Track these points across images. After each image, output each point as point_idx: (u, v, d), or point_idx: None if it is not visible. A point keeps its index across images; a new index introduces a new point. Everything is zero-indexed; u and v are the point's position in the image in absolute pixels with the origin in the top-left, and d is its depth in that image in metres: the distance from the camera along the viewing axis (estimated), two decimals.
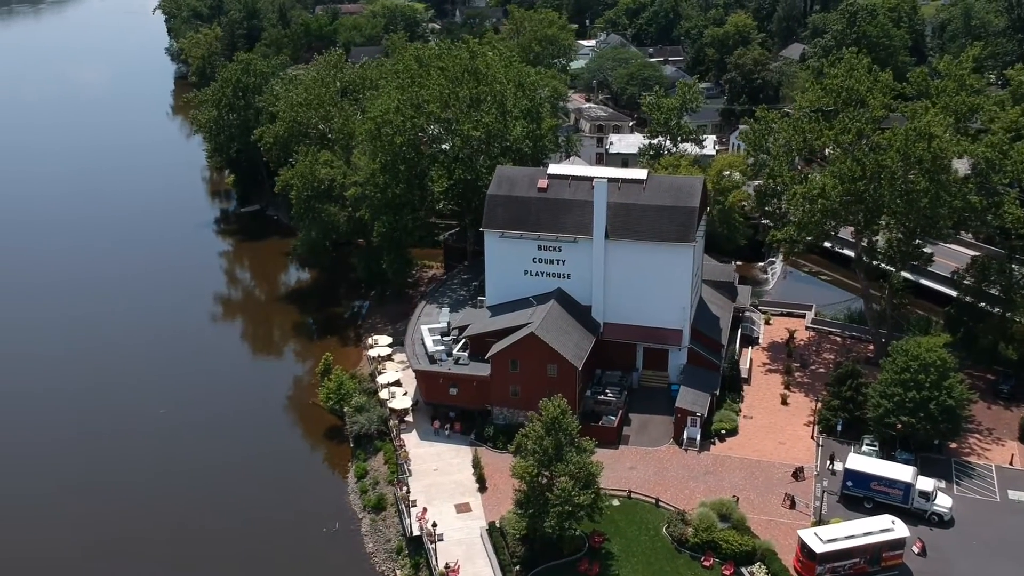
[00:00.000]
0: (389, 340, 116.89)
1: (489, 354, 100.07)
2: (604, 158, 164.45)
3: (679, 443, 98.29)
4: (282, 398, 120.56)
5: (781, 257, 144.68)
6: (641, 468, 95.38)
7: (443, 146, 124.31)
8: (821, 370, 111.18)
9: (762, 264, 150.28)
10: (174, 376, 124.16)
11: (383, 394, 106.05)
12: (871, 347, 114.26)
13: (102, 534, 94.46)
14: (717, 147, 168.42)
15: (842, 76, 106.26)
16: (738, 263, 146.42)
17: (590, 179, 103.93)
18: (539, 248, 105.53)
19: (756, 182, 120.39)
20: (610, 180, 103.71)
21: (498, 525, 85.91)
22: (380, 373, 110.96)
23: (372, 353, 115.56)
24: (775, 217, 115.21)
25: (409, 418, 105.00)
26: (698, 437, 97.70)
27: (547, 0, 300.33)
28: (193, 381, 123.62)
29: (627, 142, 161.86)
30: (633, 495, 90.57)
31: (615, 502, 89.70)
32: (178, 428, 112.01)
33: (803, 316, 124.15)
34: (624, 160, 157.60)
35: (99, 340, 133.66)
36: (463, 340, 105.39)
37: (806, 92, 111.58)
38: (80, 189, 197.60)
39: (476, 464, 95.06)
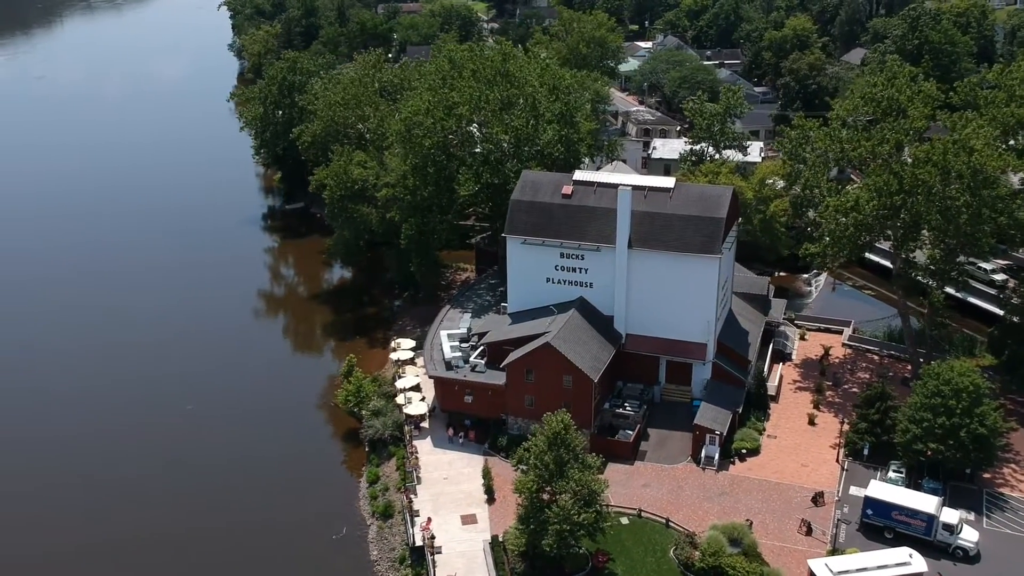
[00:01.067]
0: (412, 343, 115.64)
1: (504, 363, 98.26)
2: (647, 163, 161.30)
3: (697, 461, 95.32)
4: (309, 398, 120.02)
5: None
6: (655, 486, 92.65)
7: (475, 149, 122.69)
8: (854, 390, 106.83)
9: (806, 276, 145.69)
10: (206, 371, 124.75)
11: (400, 399, 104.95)
12: (909, 367, 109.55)
13: (110, 529, 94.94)
14: (766, 154, 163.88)
15: (882, 84, 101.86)
16: (781, 274, 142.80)
17: (615, 186, 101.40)
18: (561, 256, 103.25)
19: (794, 191, 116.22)
20: (636, 188, 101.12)
21: (501, 539, 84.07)
22: (400, 377, 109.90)
23: (394, 356, 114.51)
24: (813, 228, 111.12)
25: (425, 424, 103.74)
26: (716, 456, 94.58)
27: (607, 1, 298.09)
28: (224, 377, 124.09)
29: (670, 147, 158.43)
30: (643, 514, 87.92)
31: (624, 520, 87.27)
32: (202, 424, 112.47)
33: (841, 332, 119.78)
34: (667, 166, 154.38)
35: (136, 333, 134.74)
36: (481, 347, 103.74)
37: (845, 100, 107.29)
38: (137, 183, 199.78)
39: (486, 475, 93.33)
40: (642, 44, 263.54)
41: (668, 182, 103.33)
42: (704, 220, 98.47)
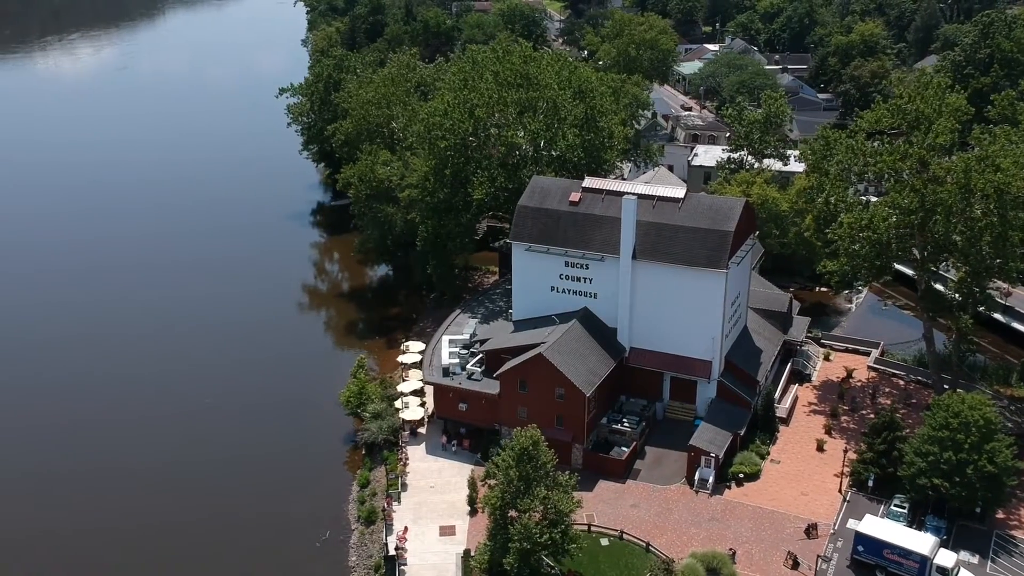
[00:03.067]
0: (422, 347, 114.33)
1: (498, 372, 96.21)
2: (689, 170, 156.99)
3: (691, 483, 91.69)
4: (324, 396, 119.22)
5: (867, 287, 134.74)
6: (644, 507, 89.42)
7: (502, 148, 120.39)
8: (872, 416, 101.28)
9: (847, 292, 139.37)
10: (230, 364, 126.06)
11: (398, 403, 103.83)
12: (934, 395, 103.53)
13: (101, 516, 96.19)
14: None
15: (908, 96, 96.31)
16: (822, 289, 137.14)
17: (623, 195, 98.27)
18: (566, 264, 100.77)
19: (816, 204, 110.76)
20: (643, 197, 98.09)
21: (473, 554, 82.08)
22: (403, 380, 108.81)
23: (402, 359, 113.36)
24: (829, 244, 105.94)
25: (423, 430, 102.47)
26: (711, 479, 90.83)
27: (681, 2, 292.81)
28: (247, 370, 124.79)
29: (712, 154, 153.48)
30: (625, 536, 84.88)
31: (604, 541, 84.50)
32: (216, 417, 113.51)
33: (869, 353, 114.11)
34: (707, 173, 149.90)
35: (172, 324, 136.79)
36: (480, 355, 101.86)
37: (871, 111, 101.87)
38: (196, 176, 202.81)
39: (471, 485, 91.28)
40: (711, 47, 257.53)
41: (679, 192, 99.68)
42: (712, 233, 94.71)
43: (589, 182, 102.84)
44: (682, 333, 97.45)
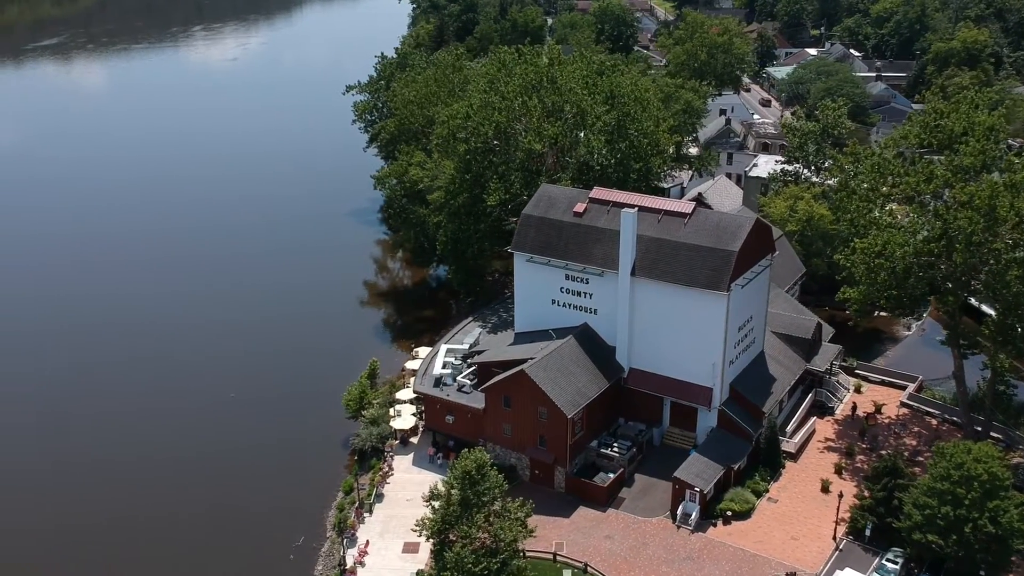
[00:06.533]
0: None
1: (483, 386, 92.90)
2: (745, 180, 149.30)
3: (674, 518, 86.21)
4: (338, 397, 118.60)
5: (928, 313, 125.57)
6: (619, 539, 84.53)
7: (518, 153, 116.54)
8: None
9: (908, 319, 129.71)
10: (263, 360, 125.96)
11: (391, 411, 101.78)
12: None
13: (90, 509, 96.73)
14: None
15: (939, 113, 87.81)
16: (881, 314, 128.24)
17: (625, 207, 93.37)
18: (566, 278, 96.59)
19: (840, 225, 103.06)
20: (648, 211, 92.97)
21: (427, 575, 79.22)
22: (405, 387, 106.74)
23: (408, 365, 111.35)
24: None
25: (415, 440, 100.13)
26: (694, 514, 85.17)
27: (788, 4, 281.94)
28: (276, 367, 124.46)
29: (771, 166, 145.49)
30: (589, 568, 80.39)
31: (568, 573, 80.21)
32: (229, 414, 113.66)
33: (905, 388, 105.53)
34: (764, 185, 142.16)
35: (218, 313, 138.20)
36: (474, 366, 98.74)
37: (899, 127, 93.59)
38: (272, 172, 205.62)
39: None
40: (811, 51, 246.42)
41: (687, 207, 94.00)
42: (714, 252, 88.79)
43: (597, 192, 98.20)
44: (682, 356, 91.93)
